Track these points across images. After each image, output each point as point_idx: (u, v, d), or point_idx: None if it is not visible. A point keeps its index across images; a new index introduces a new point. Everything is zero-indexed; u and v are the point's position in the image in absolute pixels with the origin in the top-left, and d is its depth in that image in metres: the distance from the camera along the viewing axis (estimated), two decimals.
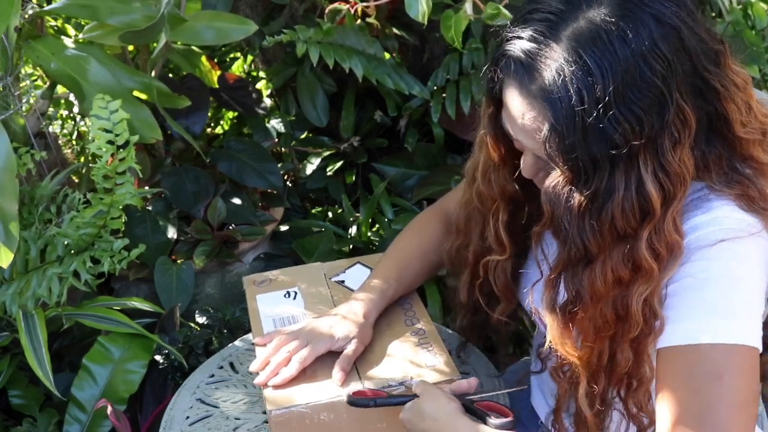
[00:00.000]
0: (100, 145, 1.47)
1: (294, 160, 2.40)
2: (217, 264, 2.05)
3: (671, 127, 0.87)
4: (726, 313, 0.91)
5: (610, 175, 0.88)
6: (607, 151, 0.86)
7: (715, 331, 0.90)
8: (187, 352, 1.75)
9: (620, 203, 0.88)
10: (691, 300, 0.92)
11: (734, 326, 0.90)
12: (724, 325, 0.90)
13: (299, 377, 1.13)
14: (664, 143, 0.87)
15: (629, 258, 0.91)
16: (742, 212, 0.93)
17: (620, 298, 0.93)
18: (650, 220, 0.89)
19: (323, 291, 1.33)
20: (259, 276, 1.39)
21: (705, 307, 0.91)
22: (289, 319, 1.27)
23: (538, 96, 0.89)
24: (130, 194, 1.56)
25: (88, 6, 1.74)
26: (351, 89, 2.32)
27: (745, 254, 0.92)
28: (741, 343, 0.90)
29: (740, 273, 0.92)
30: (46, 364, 1.57)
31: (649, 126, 0.86)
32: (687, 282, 0.92)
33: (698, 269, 0.91)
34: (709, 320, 0.90)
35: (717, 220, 0.92)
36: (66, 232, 1.58)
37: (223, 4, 2.02)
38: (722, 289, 0.91)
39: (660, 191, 0.88)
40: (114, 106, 1.48)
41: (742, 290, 0.92)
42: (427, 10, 1.57)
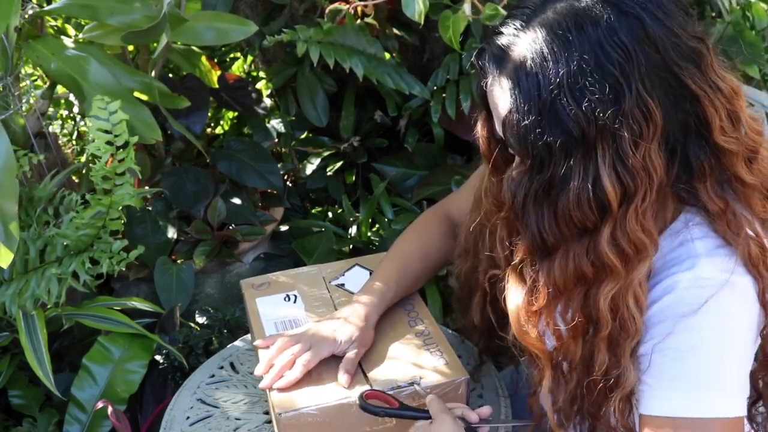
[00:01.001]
0: (99, 145, 1.47)
1: (294, 160, 2.40)
2: (217, 264, 2.05)
3: (630, 119, 0.84)
4: (710, 385, 0.89)
5: (566, 164, 0.86)
6: (562, 137, 0.85)
7: (698, 405, 0.89)
8: (187, 352, 1.75)
9: (576, 194, 0.86)
10: (676, 372, 0.90)
11: (718, 399, 0.89)
12: (707, 398, 0.89)
13: (305, 380, 1.13)
14: (623, 135, 0.84)
15: (591, 254, 0.89)
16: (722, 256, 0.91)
17: (588, 296, 0.92)
18: (609, 216, 0.87)
19: (323, 294, 1.33)
20: (257, 279, 1.39)
21: (689, 380, 0.90)
22: (292, 322, 1.27)
23: (505, 83, 0.89)
24: (129, 195, 1.55)
25: (88, 6, 1.74)
26: (351, 89, 2.32)
27: (729, 312, 0.90)
28: (724, 417, 0.89)
29: (725, 339, 0.90)
30: (46, 364, 1.57)
31: (604, 114, 0.83)
32: (671, 354, 0.91)
33: (683, 342, 0.90)
34: (692, 393, 0.89)
35: (699, 281, 0.89)
36: (65, 233, 1.57)
37: (223, 4, 2.02)
38: (707, 361, 0.90)
39: (618, 185, 0.85)
40: (113, 107, 1.48)
41: (727, 359, 0.91)
42: (423, 9, 1.57)
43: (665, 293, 0.91)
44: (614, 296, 0.90)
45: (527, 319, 0.97)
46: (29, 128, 1.82)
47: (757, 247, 0.91)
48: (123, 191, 1.55)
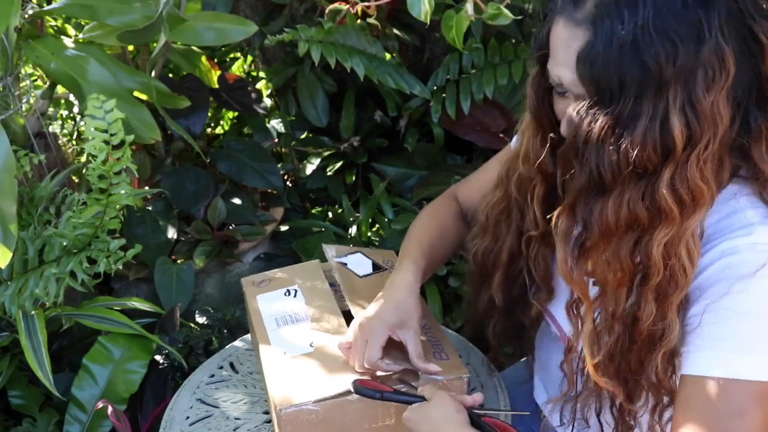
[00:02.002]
0: (95, 145, 1.46)
1: (294, 160, 2.40)
2: (217, 264, 2.05)
3: (707, 64, 0.85)
4: (762, 348, 0.89)
5: (636, 102, 0.86)
6: (639, 74, 0.85)
7: (748, 367, 0.89)
8: (187, 352, 1.75)
9: (642, 133, 0.86)
10: (729, 333, 0.90)
11: (762, 364, 0.89)
12: (759, 362, 0.89)
13: (305, 374, 1.13)
14: (697, 79, 0.85)
15: (648, 197, 0.88)
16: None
17: (640, 242, 0.91)
18: (672, 160, 0.87)
19: (322, 286, 1.33)
20: (257, 276, 1.39)
21: (742, 343, 0.89)
22: (292, 316, 1.26)
23: (582, 22, 0.89)
24: (126, 194, 1.55)
25: (87, 6, 1.74)
26: (351, 89, 2.32)
27: None
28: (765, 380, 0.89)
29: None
30: (45, 364, 1.57)
31: (684, 56, 0.84)
32: (725, 314, 0.90)
33: (738, 304, 0.89)
34: (745, 357, 0.89)
35: (756, 245, 0.89)
36: (62, 233, 1.57)
37: (223, 4, 2.02)
38: (762, 325, 0.89)
39: (685, 128, 0.85)
40: (109, 106, 1.47)
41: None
42: (429, 9, 1.57)
43: (722, 256, 0.90)
44: (667, 243, 0.89)
45: (576, 260, 0.96)
46: (29, 128, 1.82)
47: None
48: (120, 190, 1.54)
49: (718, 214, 0.93)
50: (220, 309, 1.91)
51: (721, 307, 0.90)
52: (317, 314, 1.25)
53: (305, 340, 1.20)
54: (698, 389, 0.91)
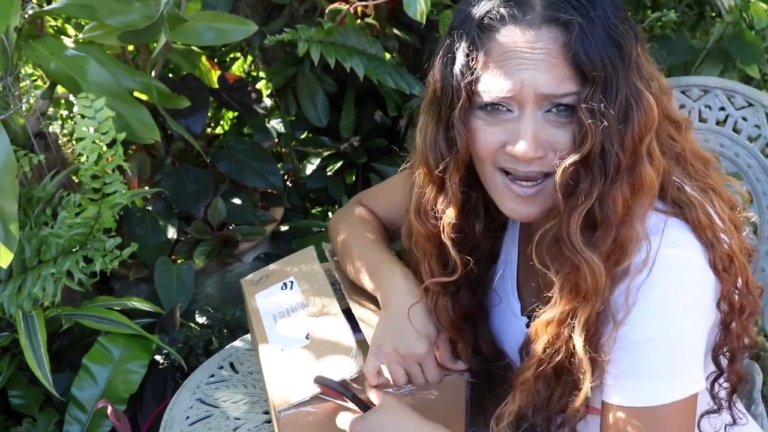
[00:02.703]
0: (86, 144, 1.45)
1: (294, 160, 2.40)
2: (217, 264, 2.05)
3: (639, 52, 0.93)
4: (670, 374, 0.92)
5: (626, 83, 0.90)
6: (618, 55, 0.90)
7: (656, 395, 0.92)
8: (187, 352, 1.75)
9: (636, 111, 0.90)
10: (637, 361, 0.92)
11: (678, 385, 0.92)
12: (664, 386, 0.92)
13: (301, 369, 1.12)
14: (641, 61, 0.93)
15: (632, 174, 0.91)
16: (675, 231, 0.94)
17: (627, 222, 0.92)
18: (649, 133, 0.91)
19: (311, 268, 1.31)
20: (255, 275, 1.38)
21: (646, 371, 0.92)
22: (288, 309, 1.25)
23: (546, 22, 0.90)
24: (120, 193, 1.54)
25: (87, 6, 1.74)
26: (351, 89, 2.32)
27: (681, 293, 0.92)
28: (682, 398, 0.92)
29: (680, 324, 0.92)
30: (45, 364, 1.57)
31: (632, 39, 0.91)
32: (629, 347, 0.92)
33: (641, 333, 0.91)
34: (649, 384, 0.92)
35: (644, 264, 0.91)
36: (58, 233, 1.57)
37: (223, 4, 2.02)
38: (664, 351, 0.92)
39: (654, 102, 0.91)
40: (99, 105, 1.45)
41: (684, 343, 0.93)
42: (425, 9, 1.57)
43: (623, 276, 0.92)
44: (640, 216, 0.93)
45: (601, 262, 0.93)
46: (29, 128, 1.82)
47: (703, 214, 0.94)
48: (113, 189, 1.53)
49: None
50: (220, 309, 1.91)
51: (625, 336, 0.92)
52: (305, 298, 1.24)
53: (301, 331, 1.19)
54: (620, 418, 0.93)
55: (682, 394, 0.92)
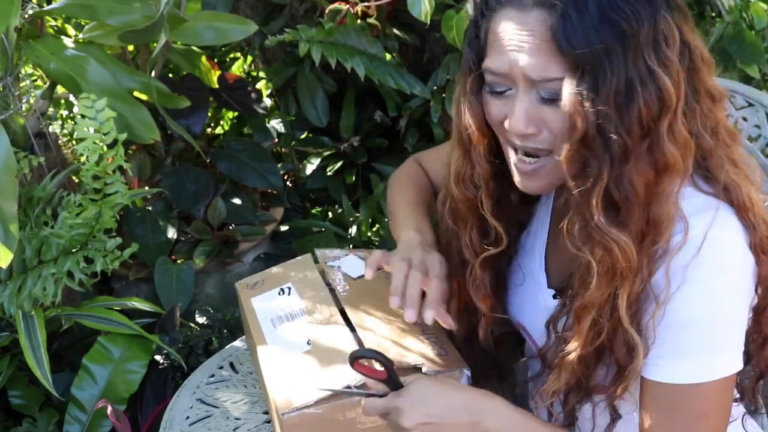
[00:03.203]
0: (87, 145, 1.46)
1: (294, 160, 2.40)
2: (217, 264, 2.05)
3: (663, 27, 0.89)
4: (711, 350, 0.93)
5: (626, 66, 0.87)
6: (618, 41, 0.87)
7: (700, 372, 0.93)
8: (187, 352, 1.75)
9: (642, 94, 0.88)
10: (678, 340, 0.93)
11: (719, 362, 0.93)
12: (707, 363, 0.93)
13: (303, 373, 1.12)
14: (660, 41, 0.89)
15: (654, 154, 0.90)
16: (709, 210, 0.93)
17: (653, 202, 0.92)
18: (666, 114, 0.89)
19: (312, 276, 1.31)
20: (250, 279, 1.38)
21: (692, 348, 0.93)
22: (288, 315, 1.26)
23: (537, 5, 0.89)
24: (121, 193, 1.54)
25: (87, 6, 1.74)
26: (351, 89, 2.32)
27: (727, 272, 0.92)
28: (727, 375, 0.94)
29: (726, 303, 0.93)
30: (44, 364, 1.57)
31: (646, 18, 0.88)
32: (675, 326, 0.93)
33: (688, 312, 0.92)
34: (694, 361, 0.93)
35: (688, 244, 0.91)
36: (59, 233, 1.57)
37: (223, 4, 2.02)
38: (711, 329, 0.93)
39: (671, 82, 0.88)
40: (100, 105, 1.45)
41: (730, 322, 0.94)
42: (430, 9, 1.58)
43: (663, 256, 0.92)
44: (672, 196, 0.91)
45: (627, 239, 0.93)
46: (29, 128, 1.82)
47: (746, 197, 0.94)
48: (114, 189, 1.53)
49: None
50: (220, 309, 1.91)
51: (670, 315, 0.92)
52: (310, 306, 1.24)
53: (302, 337, 1.19)
54: (661, 395, 0.95)
55: (723, 373, 0.93)
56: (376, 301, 1.24)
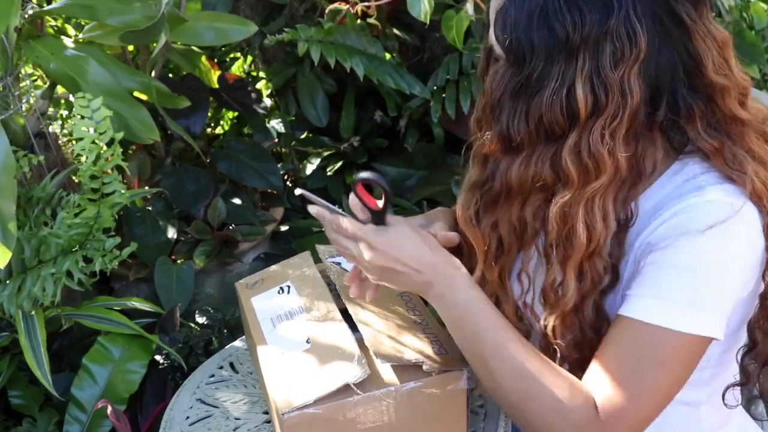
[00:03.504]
0: (84, 144, 1.45)
1: (294, 160, 2.40)
2: (217, 264, 2.05)
3: (615, 37, 0.88)
4: (698, 303, 0.92)
5: (545, 66, 0.90)
6: (547, 39, 0.89)
7: (679, 319, 0.91)
8: (187, 352, 1.75)
9: (550, 96, 0.90)
10: (667, 283, 0.92)
11: (702, 318, 0.92)
12: (690, 314, 0.91)
13: (303, 372, 1.12)
14: (605, 51, 0.88)
15: (554, 160, 0.92)
16: (729, 186, 0.93)
17: (543, 203, 0.95)
18: (577, 125, 0.90)
19: (310, 273, 1.31)
20: (250, 279, 1.38)
21: (680, 295, 0.92)
22: (287, 314, 1.25)
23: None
24: (119, 193, 1.54)
25: (87, 6, 1.74)
26: (351, 89, 2.32)
27: (731, 239, 0.92)
28: (700, 335, 0.92)
29: (726, 265, 0.92)
30: (44, 364, 1.57)
31: (591, 26, 0.87)
32: (669, 269, 0.93)
33: (683, 259, 0.92)
34: (679, 307, 0.92)
35: (709, 204, 0.91)
36: (57, 233, 1.57)
37: (223, 4, 2.02)
38: (704, 282, 0.92)
39: (591, 96, 0.89)
40: (96, 104, 1.45)
41: (723, 284, 0.93)
42: (429, 9, 1.58)
43: (674, 216, 0.92)
44: (564, 205, 0.93)
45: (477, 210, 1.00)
46: (29, 128, 1.82)
47: (760, 182, 0.93)
48: (112, 189, 1.53)
49: (673, 183, 0.96)
50: (220, 309, 1.91)
51: (665, 258, 0.92)
52: (308, 303, 1.24)
53: (301, 335, 1.19)
54: (628, 330, 0.93)
55: (696, 330, 0.91)
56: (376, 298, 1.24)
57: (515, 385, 0.97)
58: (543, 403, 0.95)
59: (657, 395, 0.93)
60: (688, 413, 1.06)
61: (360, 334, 1.16)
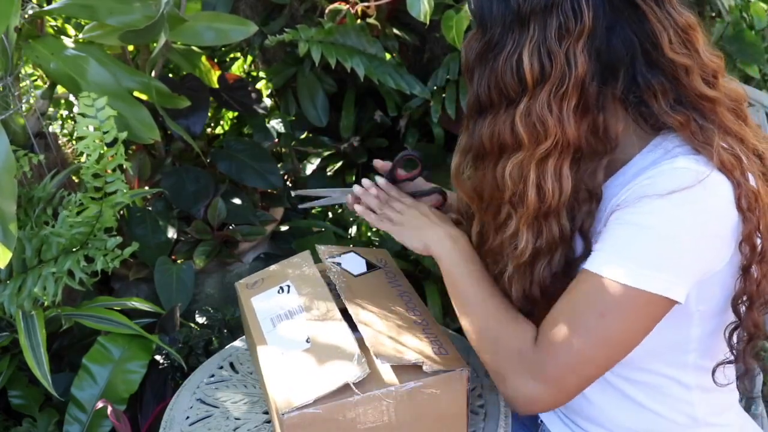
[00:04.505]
0: (88, 143, 1.46)
1: (294, 160, 2.40)
2: (217, 264, 2.05)
3: (560, 12, 0.94)
4: (652, 262, 0.94)
5: (501, 34, 0.98)
6: (503, 10, 0.97)
7: (627, 273, 0.95)
8: (187, 352, 1.75)
9: (504, 61, 0.97)
10: (628, 242, 0.96)
11: (655, 279, 0.94)
12: (644, 273, 0.94)
13: (303, 371, 1.12)
14: (552, 24, 0.95)
15: (510, 123, 0.99)
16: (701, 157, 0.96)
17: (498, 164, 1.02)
18: (527, 91, 0.97)
19: (309, 272, 1.31)
20: (250, 278, 1.38)
21: (634, 251, 0.95)
22: (286, 314, 1.25)
23: None
24: (121, 192, 1.54)
25: (87, 6, 1.74)
26: (351, 89, 2.32)
27: (693, 204, 0.94)
28: (649, 291, 0.94)
29: (680, 227, 0.95)
30: (44, 364, 1.57)
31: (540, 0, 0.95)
32: (629, 227, 0.96)
33: (643, 219, 0.95)
34: (627, 262, 0.95)
35: (676, 170, 0.95)
36: (59, 232, 1.57)
37: (223, 4, 2.02)
38: (653, 240, 0.95)
39: (537, 65, 0.95)
40: (101, 104, 1.46)
41: (675, 245, 0.95)
42: (429, 9, 1.58)
43: (644, 180, 0.97)
44: (517, 166, 1.00)
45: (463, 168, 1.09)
46: (29, 128, 1.82)
47: (730, 155, 0.96)
48: (114, 188, 1.53)
49: (650, 158, 1.00)
50: (220, 309, 1.91)
51: (627, 219, 0.96)
52: (308, 302, 1.24)
53: (301, 335, 1.19)
54: (581, 281, 0.99)
55: (650, 288, 0.94)
56: (376, 298, 1.24)
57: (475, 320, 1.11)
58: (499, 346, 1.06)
59: (592, 344, 0.97)
60: (681, 395, 1.09)
61: (360, 334, 1.16)
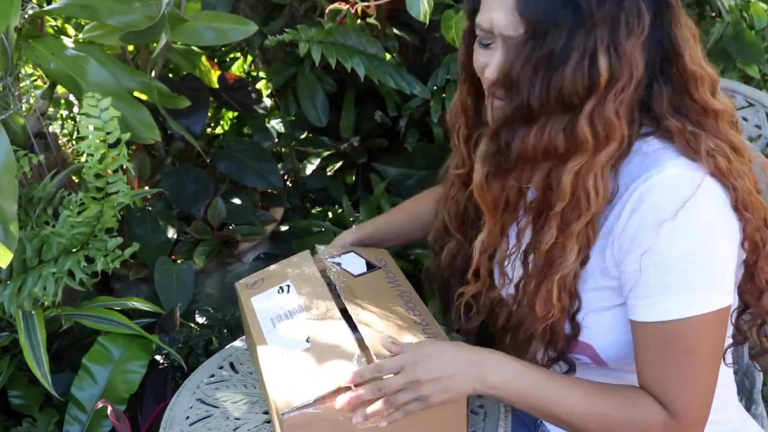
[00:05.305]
0: (91, 143, 1.46)
1: (294, 160, 2.40)
2: (217, 264, 2.05)
3: (628, 13, 0.94)
4: (695, 285, 0.96)
5: (568, 40, 0.94)
6: (572, 15, 0.93)
7: (685, 307, 0.96)
8: (187, 352, 1.75)
9: (573, 68, 0.94)
10: (665, 279, 0.97)
11: (703, 296, 0.96)
12: (692, 298, 0.96)
13: (303, 371, 1.12)
14: (621, 25, 0.94)
15: (568, 128, 0.97)
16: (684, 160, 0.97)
17: (553, 169, 0.99)
18: (595, 95, 0.95)
19: (309, 272, 1.31)
20: (250, 278, 1.38)
21: (676, 284, 0.97)
22: (287, 314, 1.25)
23: None
24: (123, 193, 1.55)
25: (88, 6, 1.74)
26: (351, 89, 2.32)
27: (703, 213, 0.96)
28: (710, 311, 0.97)
29: (708, 239, 0.97)
30: (44, 364, 1.57)
31: (610, 2, 0.93)
32: (660, 265, 0.97)
33: (668, 249, 0.96)
34: (679, 296, 0.97)
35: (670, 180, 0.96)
36: (60, 232, 1.57)
37: (223, 4, 2.02)
38: (693, 264, 0.96)
39: (608, 68, 0.94)
40: (104, 104, 1.46)
41: (713, 257, 0.97)
42: (428, 9, 1.58)
43: (641, 200, 0.97)
44: (578, 173, 0.98)
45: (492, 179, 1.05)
46: (29, 128, 1.82)
47: (723, 158, 0.98)
48: (116, 189, 1.53)
49: (634, 162, 1.00)
50: (220, 309, 1.91)
51: (653, 258, 0.97)
52: (308, 302, 1.24)
53: (301, 335, 1.19)
54: (652, 334, 0.99)
55: (710, 307, 0.97)
56: (375, 297, 1.24)
57: (593, 425, 1.04)
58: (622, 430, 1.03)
59: (704, 378, 1.00)
60: None
61: (360, 334, 1.16)
